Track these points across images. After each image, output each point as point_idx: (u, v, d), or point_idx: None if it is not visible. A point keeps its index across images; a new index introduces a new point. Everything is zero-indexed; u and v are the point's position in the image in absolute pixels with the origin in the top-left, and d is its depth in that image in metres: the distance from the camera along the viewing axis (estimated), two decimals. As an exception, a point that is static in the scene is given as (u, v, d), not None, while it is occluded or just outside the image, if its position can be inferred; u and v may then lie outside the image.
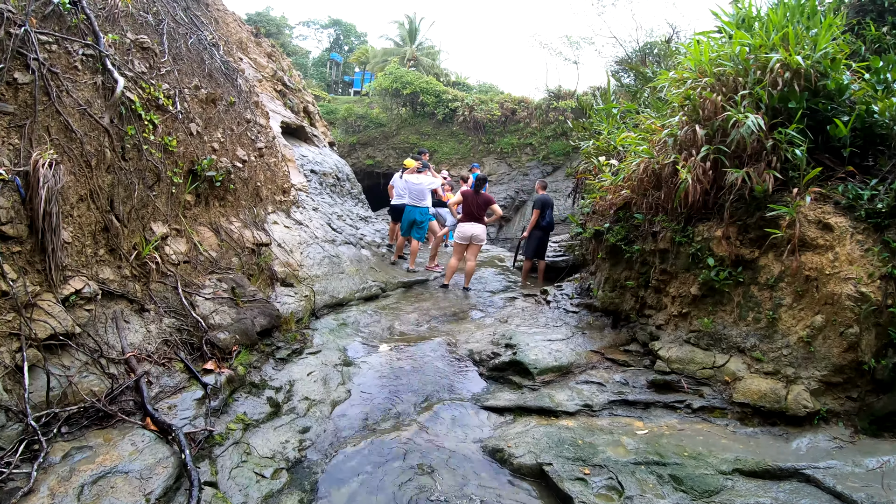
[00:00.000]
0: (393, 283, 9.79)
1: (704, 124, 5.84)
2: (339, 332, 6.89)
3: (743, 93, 5.65)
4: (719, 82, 5.97)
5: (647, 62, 12.70)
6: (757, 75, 5.83)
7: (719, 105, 5.77)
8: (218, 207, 6.45)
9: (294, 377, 5.35)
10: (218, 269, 5.87)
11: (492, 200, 10.13)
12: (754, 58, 5.89)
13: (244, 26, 16.42)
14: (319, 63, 54.40)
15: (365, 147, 30.52)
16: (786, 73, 5.60)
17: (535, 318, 7.83)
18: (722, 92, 5.85)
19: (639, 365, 6.12)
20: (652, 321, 6.48)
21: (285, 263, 7.17)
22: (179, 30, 7.15)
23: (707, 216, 5.91)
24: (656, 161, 6.18)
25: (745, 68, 5.90)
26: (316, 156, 14.89)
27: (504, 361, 6.12)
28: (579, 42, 29.68)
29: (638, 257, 6.62)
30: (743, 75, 5.91)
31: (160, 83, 5.64)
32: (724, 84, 5.96)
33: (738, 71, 5.94)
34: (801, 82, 5.62)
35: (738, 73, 5.94)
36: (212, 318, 5.19)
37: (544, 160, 26.25)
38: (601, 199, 7.30)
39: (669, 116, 6.69)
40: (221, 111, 6.93)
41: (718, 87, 5.93)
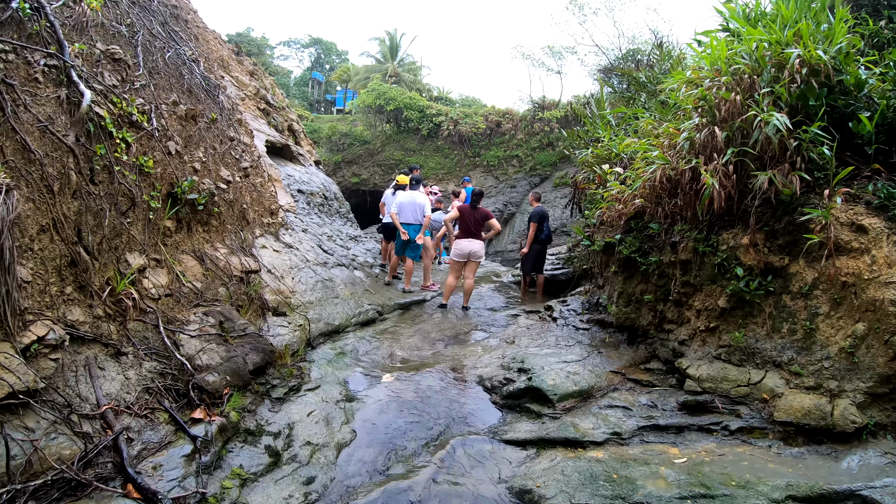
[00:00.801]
0: (389, 305, 9.31)
1: (723, 125, 5.45)
2: (338, 363, 6.39)
3: (764, 90, 5.28)
4: (736, 81, 5.59)
5: (639, 67, 12.39)
6: (772, 73, 5.48)
7: (738, 105, 5.39)
8: (202, 233, 5.95)
9: (293, 419, 4.83)
10: (204, 302, 5.37)
11: (490, 215, 9.70)
12: (771, 54, 5.53)
13: (225, 45, 15.98)
14: (301, 82, 54.04)
15: (350, 165, 30.06)
16: (804, 69, 5.25)
17: (544, 337, 7.37)
18: (739, 91, 5.47)
19: (664, 385, 5.67)
20: (673, 336, 6.05)
21: (276, 291, 6.67)
22: (156, 43, 6.68)
23: (731, 223, 5.51)
24: (671, 167, 5.77)
25: (762, 66, 5.54)
26: (302, 175, 14.40)
27: (519, 388, 5.63)
28: (561, 52, 29.32)
29: (655, 270, 6.19)
30: (759, 73, 5.55)
31: (133, 97, 5.16)
32: (741, 83, 5.59)
33: (753, 69, 5.58)
34: (819, 79, 5.28)
35: (753, 70, 5.58)
36: (198, 358, 4.67)
37: (531, 171, 25.92)
38: (609, 210, 6.89)
39: (679, 120, 6.31)
40: (203, 129, 6.45)
41: (736, 85, 5.56)
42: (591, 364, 6.09)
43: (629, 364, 6.16)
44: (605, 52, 26.40)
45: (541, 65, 30.12)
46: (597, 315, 7.64)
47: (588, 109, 12.02)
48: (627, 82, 12.59)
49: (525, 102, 29.35)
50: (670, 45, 12.55)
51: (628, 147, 7.65)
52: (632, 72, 12.11)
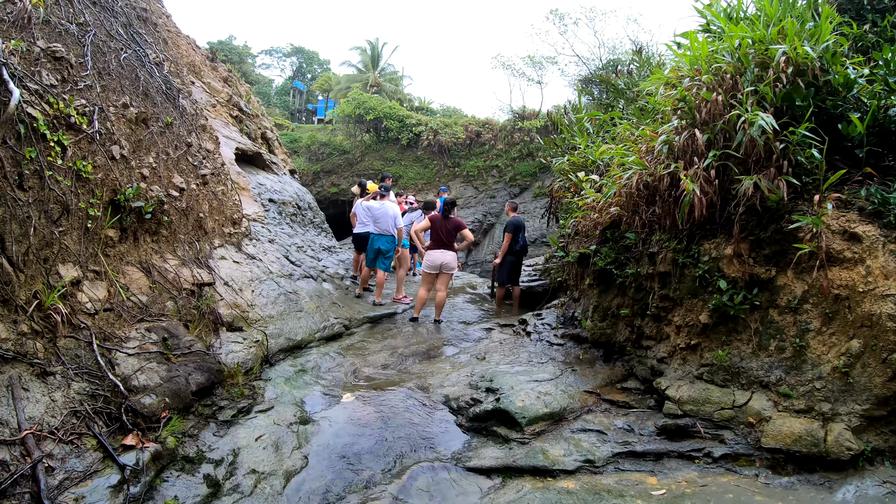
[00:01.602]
0: (358, 318, 8.94)
1: (704, 128, 5.20)
2: (297, 381, 6.01)
3: (748, 90, 5.03)
4: (717, 81, 5.36)
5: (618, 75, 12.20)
6: (755, 72, 5.25)
7: (721, 106, 5.14)
8: (150, 243, 5.56)
9: (239, 444, 4.45)
10: (148, 317, 4.98)
11: (462, 225, 9.36)
12: (754, 52, 5.30)
13: (199, 50, 15.61)
14: (282, 91, 53.57)
15: (329, 175, 29.67)
16: (789, 68, 5.03)
17: (516, 353, 7.05)
18: (721, 91, 5.23)
19: (642, 406, 5.37)
20: (652, 353, 5.75)
21: (233, 304, 6.28)
22: (111, 44, 6.31)
23: (713, 232, 5.23)
24: (649, 173, 5.51)
25: (745, 65, 5.31)
26: (275, 184, 14.02)
27: (486, 410, 5.29)
28: (542, 62, 29.29)
29: (632, 282, 5.91)
30: (741, 73, 5.33)
31: (73, 98, 4.78)
32: (722, 83, 5.35)
33: (736, 68, 5.35)
34: (806, 78, 5.06)
35: (736, 70, 5.35)
36: (135, 378, 4.29)
37: (511, 182, 25.74)
38: (584, 219, 6.61)
39: (657, 123, 6.06)
40: (155, 133, 6.07)
41: (717, 86, 5.32)
42: (565, 383, 5.77)
43: (605, 383, 5.86)
44: (586, 62, 26.44)
45: (521, 75, 30.13)
46: (572, 330, 7.35)
47: (566, 118, 11.80)
48: (606, 89, 12.39)
49: (505, 112, 29.31)
50: (650, 52, 12.37)
51: (605, 154, 7.40)
52: (610, 79, 11.91)
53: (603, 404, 5.51)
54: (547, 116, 11.89)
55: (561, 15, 27.49)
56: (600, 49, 25.96)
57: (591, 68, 24.57)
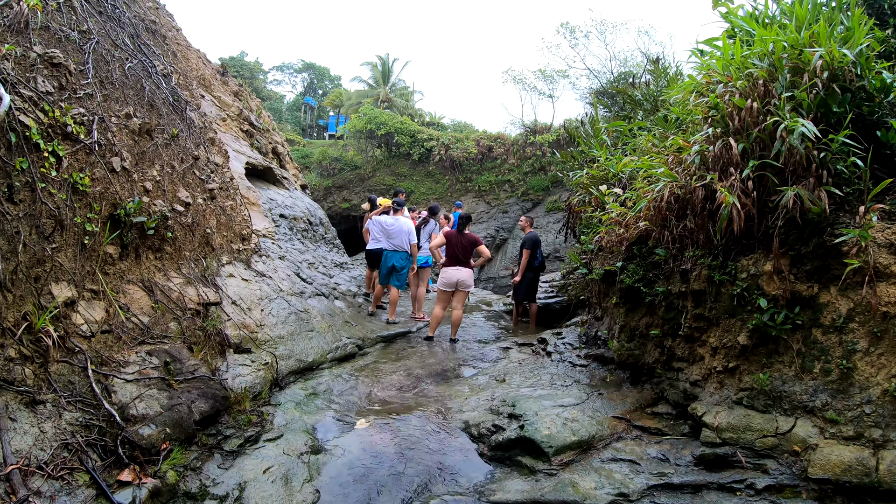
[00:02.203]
0: (371, 338, 8.62)
1: (738, 137, 4.88)
2: (308, 406, 5.69)
3: (785, 95, 4.72)
4: (750, 87, 5.04)
5: (635, 86, 11.92)
6: (788, 78, 4.94)
7: (756, 113, 4.82)
8: (153, 261, 5.28)
9: (246, 477, 4.12)
10: (150, 339, 4.69)
11: (478, 241, 9.04)
12: (787, 57, 4.99)
13: (209, 64, 15.49)
14: (294, 107, 53.70)
15: (340, 190, 29.49)
16: (824, 73, 4.71)
17: (538, 375, 6.70)
18: (756, 97, 4.91)
19: (676, 433, 5.01)
20: (684, 376, 5.39)
21: (241, 325, 5.98)
22: (116, 53, 6.10)
23: (750, 247, 4.89)
24: (680, 185, 5.18)
25: (778, 70, 4.99)
26: (286, 199, 13.79)
27: (510, 438, 4.94)
28: (553, 76, 29.02)
29: (662, 301, 5.56)
30: (774, 79, 5.01)
31: (70, 106, 4.54)
32: (755, 89, 5.03)
33: (770, 73, 5.03)
34: (841, 83, 4.75)
35: (769, 75, 5.03)
36: (133, 407, 3.98)
37: (523, 196, 25.41)
38: (609, 234, 6.27)
39: (686, 133, 5.74)
40: (160, 145, 5.82)
41: (751, 92, 5.00)
42: (592, 408, 5.41)
43: (634, 408, 5.49)
44: (597, 75, 26.15)
45: (532, 89, 29.87)
46: (595, 350, 6.99)
47: (582, 130, 11.50)
48: (623, 101, 12.10)
49: (517, 127, 29.04)
50: (666, 62, 12.08)
51: (627, 166, 7.08)
52: (627, 90, 11.62)
53: (633, 431, 5.15)
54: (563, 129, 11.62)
55: (571, 28, 27.26)
56: (611, 62, 25.65)
57: (602, 81, 24.26)
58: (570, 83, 28.68)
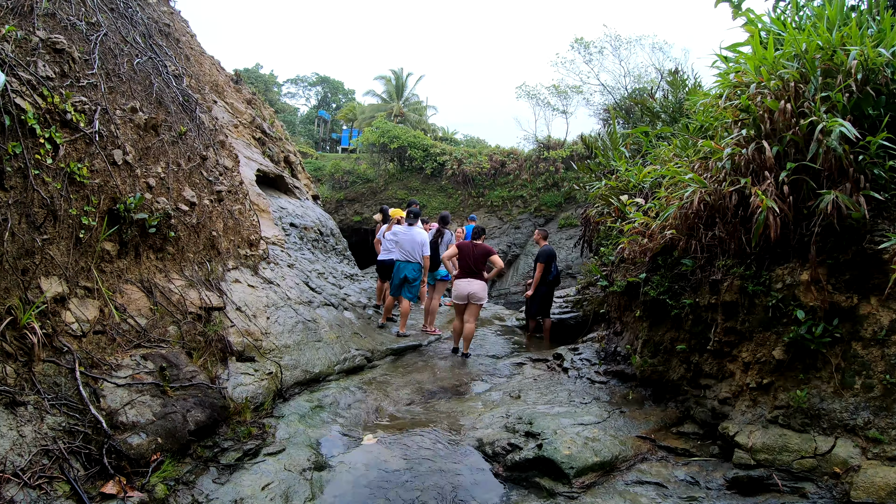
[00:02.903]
0: (381, 350, 8.32)
1: (770, 140, 4.59)
2: (313, 419, 5.39)
3: (821, 95, 4.44)
4: (782, 89, 4.76)
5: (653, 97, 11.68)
6: (820, 80, 4.66)
7: (789, 114, 4.54)
8: (154, 261, 5.04)
9: (243, 493, 3.82)
10: (146, 342, 4.42)
11: (491, 251, 8.72)
12: (819, 58, 4.71)
13: (223, 71, 15.39)
14: (307, 120, 53.80)
15: (352, 203, 29.35)
16: (858, 74, 4.43)
17: (554, 392, 6.36)
18: (790, 99, 4.62)
19: (704, 454, 4.66)
20: (712, 394, 5.05)
21: (245, 332, 5.71)
22: (125, 48, 5.93)
23: (785, 256, 4.57)
24: (709, 191, 4.88)
25: (810, 71, 4.71)
26: (297, 208, 13.58)
27: (527, 458, 4.60)
28: (567, 91, 28.75)
29: (689, 314, 5.23)
30: (806, 80, 4.74)
31: (70, 93, 4.32)
32: (786, 91, 4.75)
33: (802, 75, 4.75)
34: (875, 85, 4.48)
35: (802, 76, 4.76)
36: (123, 413, 3.71)
37: (536, 212, 25.13)
38: (632, 245, 5.97)
39: (717, 137, 5.44)
40: (166, 142, 5.60)
41: (784, 93, 4.72)
42: (614, 427, 5.08)
43: (658, 427, 5.16)
44: (612, 91, 25.90)
45: (546, 104, 29.56)
46: (615, 366, 6.65)
47: (600, 141, 11.25)
48: (640, 112, 11.84)
49: (530, 142, 28.70)
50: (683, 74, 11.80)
51: (649, 175, 6.81)
52: (645, 101, 11.35)
53: (659, 451, 4.81)
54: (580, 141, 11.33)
55: (586, 44, 27.07)
56: (626, 78, 25.40)
57: (616, 98, 24.02)
58: (583, 99, 28.32)
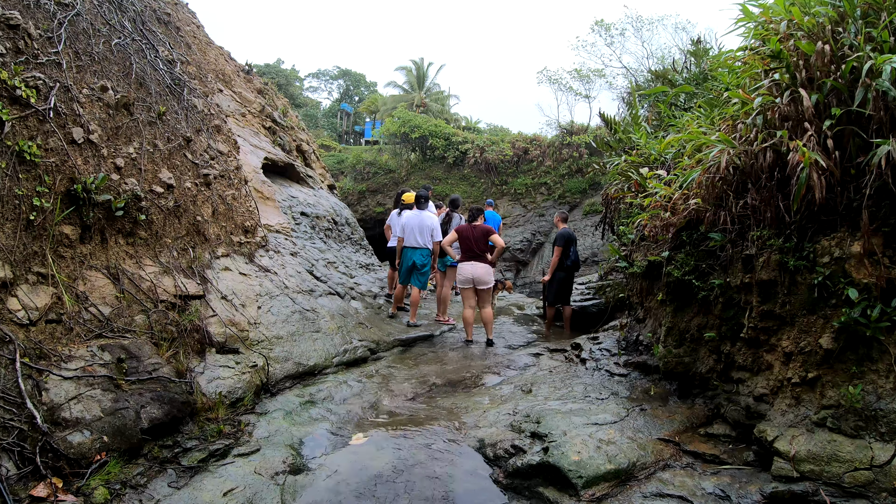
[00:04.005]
0: (387, 341, 7.85)
1: (808, 88, 3.96)
2: (300, 416, 4.93)
3: (870, 31, 3.81)
4: (819, 31, 4.13)
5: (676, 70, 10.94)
6: (860, 23, 4.01)
7: (829, 58, 3.91)
8: (122, 246, 4.61)
9: (200, 499, 3.36)
10: (109, 332, 4.00)
11: (491, 230, 8.23)
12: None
13: (231, 61, 15.07)
14: (330, 114, 53.56)
15: (375, 194, 29.00)
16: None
17: (569, 386, 5.82)
18: (828, 40, 4.00)
19: (737, 461, 4.08)
20: (746, 389, 4.44)
21: (229, 322, 5.27)
22: (103, 30, 5.53)
23: (830, 224, 3.92)
24: (739, 152, 4.27)
25: (848, 11, 4.07)
26: (309, 197, 13.19)
27: (530, 464, 4.06)
28: (589, 75, 27.90)
29: (718, 296, 4.64)
30: (842, 21, 4.12)
31: (20, 68, 3.91)
32: (823, 34, 4.12)
33: (840, 14, 4.12)
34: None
35: (840, 16, 4.13)
36: (67, 409, 3.28)
37: (560, 199, 24.49)
38: (653, 220, 5.39)
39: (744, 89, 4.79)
40: (142, 122, 5.18)
41: (820, 34, 4.09)
42: (632, 428, 4.51)
43: (684, 427, 4.58)
44: (634, 73, 25.04)
45: (568, 89, 28.74)
46: (636, 356, 6.08)
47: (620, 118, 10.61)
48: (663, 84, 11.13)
49: (552, 128, 28.02)
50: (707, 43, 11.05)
51: (672, 144, 6.19)
52: (667, 73, 10.64)
53: (684, 457, 4.24)
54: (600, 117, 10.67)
55: (606, 26, 26.20)
56: (649, 60, 24.53)
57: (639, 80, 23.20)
58: (606, 83, 27.51)
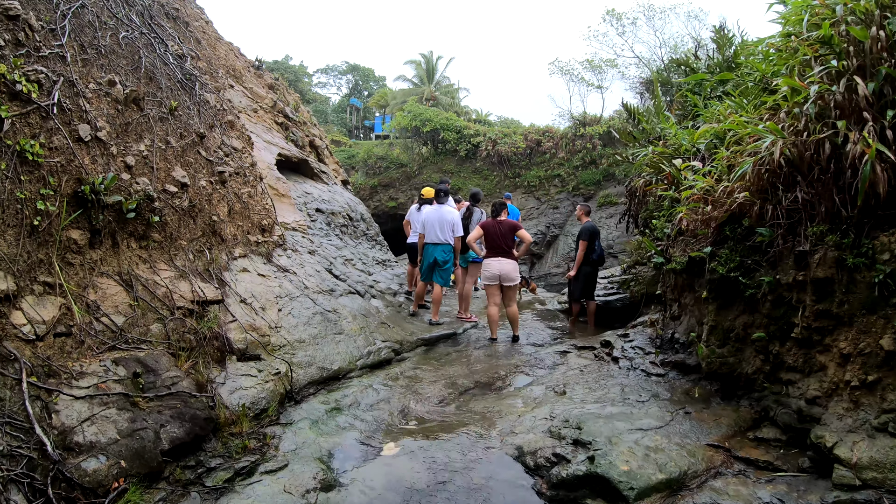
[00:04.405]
0: (411, 341, 7.61)
1: (861, 75, 3.68)
2: (327, 425, 4.70)
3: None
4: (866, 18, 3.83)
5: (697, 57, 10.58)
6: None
7: (883, 44, 3.62)
8: (135, 250, 4.39)
9: (228, 525, 3.16)
10: (123, 344, 3.78)
11: (517, 226, 8.04)
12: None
13: (242, 57, 14.86)
14: (339, 109, 53.32)
15: (387, 189, 28.76)
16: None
17: (605, 387, 5.55)
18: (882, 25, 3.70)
19: (792, 467, 3.81)
20: (797, 391, 4.17)
21: (249, 327, 5.05)
22: (110, 23, 5.31)
23: (889, 220, 3.65)
24: (791, 143, 3.97)
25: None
26: (323, 193, 12.95)
27: (576, 475, 3.81)
28: (601, 66, 27.50)
29: (767, 294, 4.35)
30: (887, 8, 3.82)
31: (18, 60, 3.68)
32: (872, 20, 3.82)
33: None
34: None
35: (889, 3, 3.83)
36: (80, 432, 3.06)
37: (574, 191, 24.18)
38: (694, 214, 5.09)
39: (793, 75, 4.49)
40: (153, 118, 4.95)
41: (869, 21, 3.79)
42: (679, 433, 4.24)
43: (732, 432, 4.30)
44: (647, 63, 24.67)
45: (580, 80, 28.38)
46: (673, 355, 5.80)
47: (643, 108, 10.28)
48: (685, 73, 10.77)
49: (565, 119, 27.69)
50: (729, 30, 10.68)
51: (706, 135, 5.90)
52: (689, 61, 10.28)
53: (735, 464, 3.97)
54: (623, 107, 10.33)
55: (618, 15, 25.86)
56: (661, 49, 24.20)
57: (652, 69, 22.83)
58: (618, 73, 27.11)
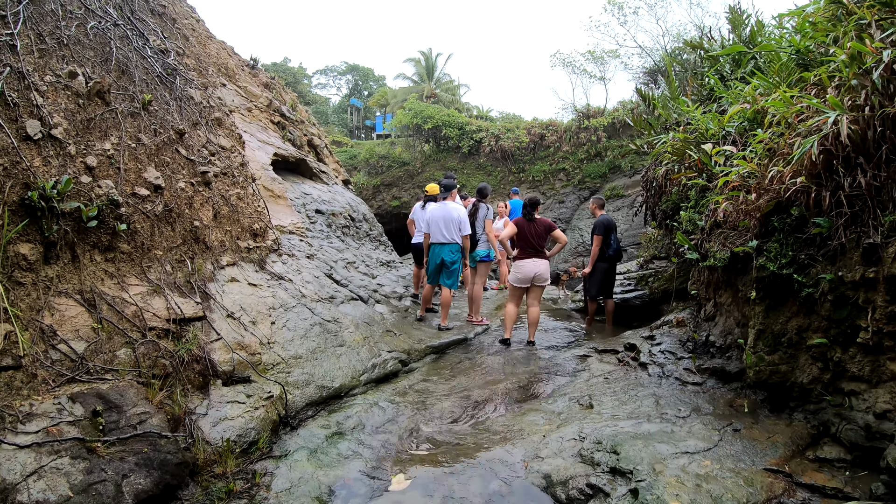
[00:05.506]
0: (419, 349, 7.06)
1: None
2: (327, 454, 4.15)
3: None
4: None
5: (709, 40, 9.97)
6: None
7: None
8: (100, 263, 3.84)
9: None
10: (84, 375, 3.24)
11: (553, 226, 7.61)
12: None
13: (235, 56, 14.33)
14: (340, 110, 52.82)
15: (389, 188, 28.28)
16: None
17: (636, 398, 4.99)
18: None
19: (864, 493, 3.24)
20: (864, 404, 3.60)
21: (238, 345, 4.51)
22: (78, 12, 4.78)
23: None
24: (853, 119, 3.40)
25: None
26: (323, 194, 12.42)
27: (619, 512, 3.27)
28: (604, 56, 26.93)
29: (826, 293, 3.78)
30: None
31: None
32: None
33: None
34: None
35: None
36: (24, 489, 2.51)
37: (580, 185, 23.66)
38: (733, 203, 4.52)
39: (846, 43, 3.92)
40: (121, 112, 4.40)
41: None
42: (731, 455, 3.67)
43: (790, 452, 3.73)
44: (650, 52, 24.13)
45: (583, 72, 27.86)
46: (709, 361, 5.24)
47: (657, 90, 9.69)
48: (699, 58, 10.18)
49: (568, 112, 27.20)
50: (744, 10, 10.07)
51: (736, 117, 5.35)
52: (702, 44, 9.66)
53: (798, 492, 3.40)
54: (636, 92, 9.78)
55: (619, 4, 25.30)
56: (664, 38, 23.66)
57: (655, 59, 22.28)
58: (621, 63, 26.74)
